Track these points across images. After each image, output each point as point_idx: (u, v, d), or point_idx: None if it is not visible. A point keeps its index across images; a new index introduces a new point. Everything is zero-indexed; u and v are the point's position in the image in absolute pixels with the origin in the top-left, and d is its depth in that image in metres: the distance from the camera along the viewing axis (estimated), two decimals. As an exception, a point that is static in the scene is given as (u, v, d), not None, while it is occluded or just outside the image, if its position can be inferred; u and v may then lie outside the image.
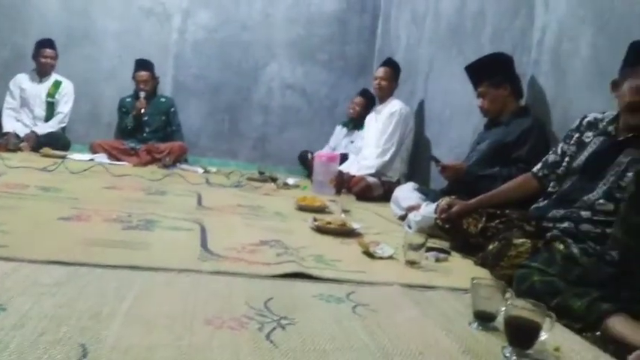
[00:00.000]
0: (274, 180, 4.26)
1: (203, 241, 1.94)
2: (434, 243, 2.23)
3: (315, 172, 4.08)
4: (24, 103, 4.81)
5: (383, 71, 4.24)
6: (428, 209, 2.52)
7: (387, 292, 1.57)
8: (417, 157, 4.21)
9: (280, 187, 4.05)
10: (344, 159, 4.48)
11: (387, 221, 3.00)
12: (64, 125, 4.92)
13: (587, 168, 1.82)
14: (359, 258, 1.98)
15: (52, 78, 4.87)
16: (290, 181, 4.25)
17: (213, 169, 4.73)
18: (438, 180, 3.38)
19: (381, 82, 4.21)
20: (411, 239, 1.95)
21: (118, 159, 4.58)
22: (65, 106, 4.88)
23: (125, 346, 1.00)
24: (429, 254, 2.03)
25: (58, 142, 4.66)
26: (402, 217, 2.94)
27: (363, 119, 4.59)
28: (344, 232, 2.37)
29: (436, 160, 2.83)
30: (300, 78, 5.62)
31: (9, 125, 4.69)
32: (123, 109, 4.99)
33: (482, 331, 1.30)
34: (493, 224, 2.10)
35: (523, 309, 1.18)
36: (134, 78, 4.91)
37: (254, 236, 2.12)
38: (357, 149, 4.52)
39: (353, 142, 4.80)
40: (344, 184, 3.89)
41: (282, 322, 1.22)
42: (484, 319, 1.33)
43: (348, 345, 1.14)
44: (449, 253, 2.17)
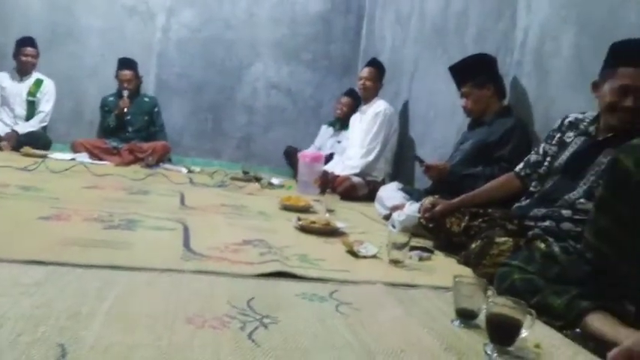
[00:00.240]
0: (258, 180, 4.24)
1: (186, 241, 1.92)
2: (417, 242, 2.24)
3: (300, 173, 4.07)
4: (4, 102, 4.75)
5: (368, 71, 4.25)
6: (412, 208, 2.53)
7: (370, 290, 1.57)
8: (401, 157, 4.23)
9: (265, 187, 4.04)
10: (330, 159, 4.48)
11: (372, 221, 3.01)
12: (45, 124, 4.86)
13: (569, 168, 1.84)
14: (343, 257, 1.98)
15: (33, 77, 4.80)
16: (275, 181, 4.24)
17: (197, 168, 4.70)
18: (422, 180, 3.40)
19: (366, 83, 4.22)
20: (395, 238, 1.96)
21: (100, 158, 4.54)
22: (46, 105, 4.83)
23: (105, 346, 0.99)
24: (412, 253, 2.03)
25: (38, 141, 4.60)
26: (387, 217, 2.95)
27: (350, 119, 4.58)
28: (328, 232, 2.37)
29: (420, 160, 2.84)
30: (285, 77, 5.61)
31: (-11, 124, 4.62)
32: (105, 107, 4.94)
33: (464, 329, 1.31)
34: (476, 223, 2.12)
35: (504, 306, 1.19)
36: (117, 77, 4.86)
37: (237, 236, 2.10)
38: (344, 149, 4.52)
39: (340, 142, 4.79)
40: (328, 183, 3.90)
41: (265, 321, 1.22)
42: (466, 316, 1.34)
43: (330, 343, 1.14)
44: (432, 252, 2.18)
